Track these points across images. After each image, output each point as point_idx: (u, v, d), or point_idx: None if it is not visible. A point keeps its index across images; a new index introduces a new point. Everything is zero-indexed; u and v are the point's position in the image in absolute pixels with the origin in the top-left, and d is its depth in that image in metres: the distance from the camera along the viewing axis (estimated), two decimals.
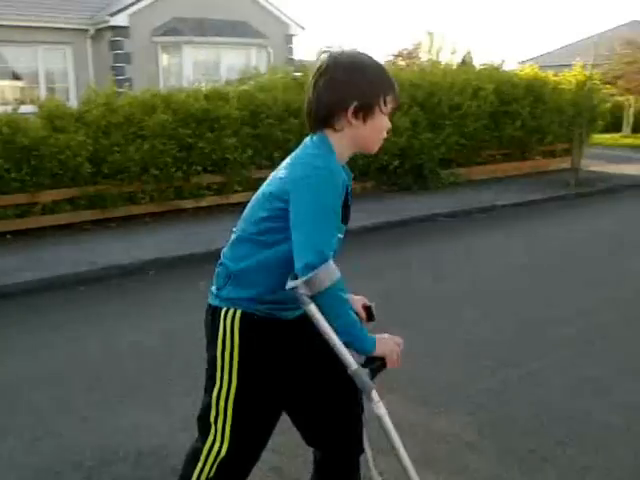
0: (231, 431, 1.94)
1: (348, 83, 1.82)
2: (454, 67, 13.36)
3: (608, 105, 14.80)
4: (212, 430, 1.95)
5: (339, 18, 71.20)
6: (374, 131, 1.90)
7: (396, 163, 9.95)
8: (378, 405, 1.80)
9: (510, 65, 16.87)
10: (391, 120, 1.95)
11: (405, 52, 26.55)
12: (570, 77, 13.49)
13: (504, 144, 11.74)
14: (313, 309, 1.73)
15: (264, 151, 8.86)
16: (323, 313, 1.73)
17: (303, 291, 1.70)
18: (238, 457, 1.97)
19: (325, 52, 1.90)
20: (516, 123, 11.54)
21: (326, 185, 1.76)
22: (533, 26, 71.47)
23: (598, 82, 13.96)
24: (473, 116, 10.97)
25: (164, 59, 15.62)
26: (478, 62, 16.57)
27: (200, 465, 1.96)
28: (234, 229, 2.00)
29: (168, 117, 8.17)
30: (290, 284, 1.73)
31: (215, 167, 8.64)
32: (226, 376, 1.92)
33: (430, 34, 23.36)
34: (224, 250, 2.00)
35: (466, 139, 10.94)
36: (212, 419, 1.95)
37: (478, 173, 11.49)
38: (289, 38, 17.08)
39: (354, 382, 1.80)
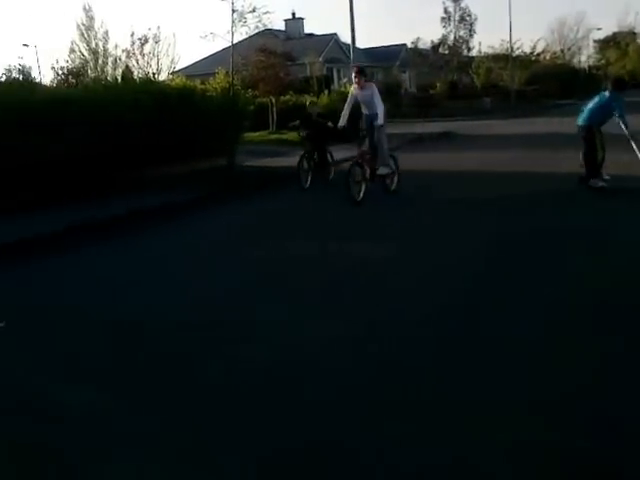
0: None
1: None
2: (115, 82, 14.93)
3: (252, 107, 17.80)
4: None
5: None
6: None
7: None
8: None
9: (162, 76, 19.16)
10: None
11: (74, 70, 27.58)
12: (215, 84, 16.21)
13: (168, 148, 13.61)
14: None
15: None
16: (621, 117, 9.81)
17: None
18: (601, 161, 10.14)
19: None
20: (176, 129, 13.49)
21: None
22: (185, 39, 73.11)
23: (239, 87, 16.87)
24: (136, 123, 12.86)
25: None
26: (137, 76, 18.61)
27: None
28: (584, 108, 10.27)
29: None
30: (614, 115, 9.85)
31: None
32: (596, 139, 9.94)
33: (95, 52, 24.68)
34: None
35: (131, 146, 12.74)
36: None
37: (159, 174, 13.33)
38: None
39: None
